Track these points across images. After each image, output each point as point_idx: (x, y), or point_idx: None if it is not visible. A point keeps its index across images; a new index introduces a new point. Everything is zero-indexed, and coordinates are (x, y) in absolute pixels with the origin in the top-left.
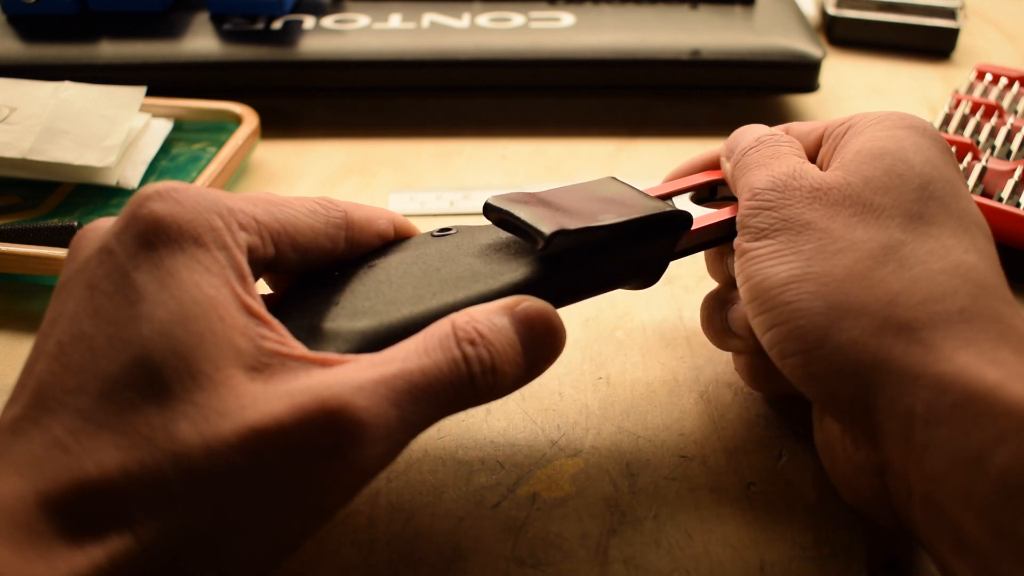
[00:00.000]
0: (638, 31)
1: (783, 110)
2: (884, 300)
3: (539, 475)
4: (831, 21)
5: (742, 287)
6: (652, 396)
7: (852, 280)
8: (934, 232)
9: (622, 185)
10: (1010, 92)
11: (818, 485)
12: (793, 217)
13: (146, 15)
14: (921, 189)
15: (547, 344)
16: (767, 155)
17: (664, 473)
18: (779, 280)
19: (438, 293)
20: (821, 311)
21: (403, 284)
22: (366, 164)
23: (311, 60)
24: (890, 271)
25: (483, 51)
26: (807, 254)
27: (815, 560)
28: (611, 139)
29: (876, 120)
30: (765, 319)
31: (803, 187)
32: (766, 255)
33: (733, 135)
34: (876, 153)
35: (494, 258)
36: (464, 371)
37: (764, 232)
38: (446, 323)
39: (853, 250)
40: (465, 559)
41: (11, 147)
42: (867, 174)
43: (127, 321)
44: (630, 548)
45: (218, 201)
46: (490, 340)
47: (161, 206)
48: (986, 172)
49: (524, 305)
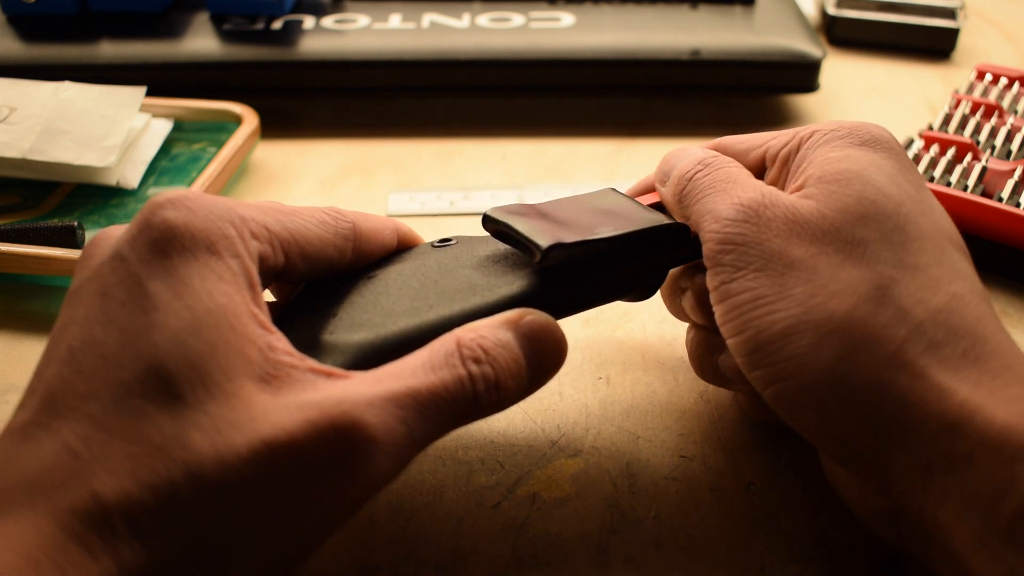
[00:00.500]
0: (638, 31)
1: (783, 110)
2: (892, 348)
3: (539, 475)
4: (831, 21)
5: (731, 340)
6: (652, 396)
7: (854, 328)
8: (921, 263)
9: (621, 197)
10: (1010, 92)
11: (818, 485)
12: (774, 255)
13: (146, 15)
14: (896, 215)
15: (550, 357)
16: (720, 179)
17: (664, 473)
18: (776, 332)
19: (435, 306)
20: (829, 364)
21: (401, 296)
22: (366, 164)
23: (311, 60)
24: (891, 316)
25: (483, 51)
26: (799, 299)
27: (815, 560)
28: (611, 139)
29: (828, 138)
30: (765, 375)
31: (778, 217)
32: (751, 302)
33: (665, 159)
34: (843, 179)
35: (492, 270)
36: (469, 388)
37: (742, 271)
38: (451, 339)
39: (847, 293)
40: (465, 559)
41: (11, 147)
42: (841, 204)
43: (140, 329)
44: (630, 548)
45: (230, 210)
46: (494, 356)
47: (174, 214)
48: (986, 172)
49: (528, 319)
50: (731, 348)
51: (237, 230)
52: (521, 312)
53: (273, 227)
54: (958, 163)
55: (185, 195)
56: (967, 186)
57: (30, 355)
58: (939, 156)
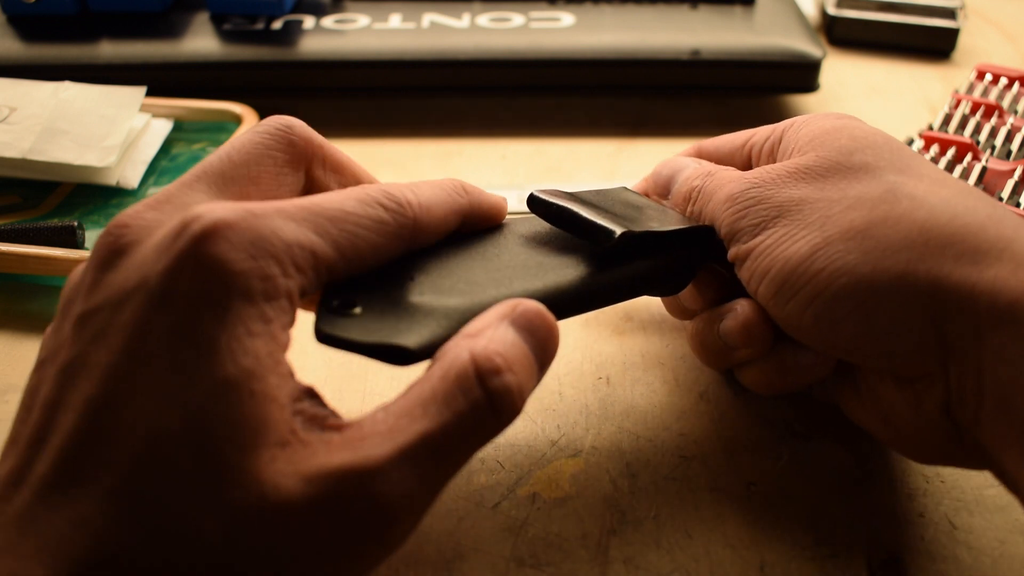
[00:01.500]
0: (638, 31)
1: (783, 110)
2: (915, 230)
3: (539, 475)
4: (831, 21)
5: (761, 283)
6: (652, 396)
7: (875, 225)
8: (924, 173)
9: (637, 195)
10: (1010, 92)
11: (818, 485)
12: (784, 200)
13: (146, 15)
14: (889, 144)
15: (549, 344)
16: (722, 178)
17: (664, 473)
18: (801, 256)
19: (514, 279)
20: (860, 261)
21: (472, 267)
22: (366, 164)
23: (311, 60)
24: (906, 207)
25: (483, 51)
26: (817, 223)
27: (815, 560)
28: (611, 139)
29: (808, 119)
30: (800, 300)
31: (780, 174)
32: (774, 243)
33: (659, 172)
34: (831, 132)
35: (547, 250)
36: (487, 409)
37: (759, 226)
38: (464, 354)
39: (860, 203)
40: (465, 559)
41: (11, 147)
42: (836, 145)
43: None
44: (630, 548)
45: (274, 236)
46: (511, 361)
47: (215, 250)
48: (986, 172)
49: (521, 309)
50: (761, 294)
51: (281, 267)
52: (513, 303)
53: (321, 251)
54: (958, 163)
55: (226, 224)
56: None
57: (30, 355)
58: (939, 156)
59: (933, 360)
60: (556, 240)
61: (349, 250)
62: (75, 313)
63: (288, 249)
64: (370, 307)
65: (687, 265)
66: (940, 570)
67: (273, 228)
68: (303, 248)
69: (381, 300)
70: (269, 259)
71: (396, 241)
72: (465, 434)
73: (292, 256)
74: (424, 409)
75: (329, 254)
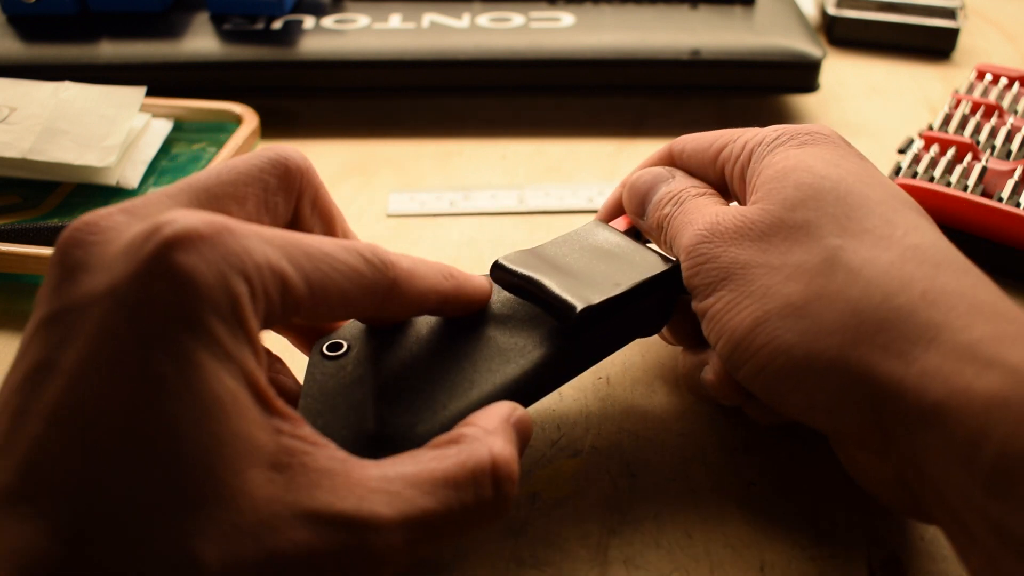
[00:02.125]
0: (638, 31)
1: (783, 110)
2: (848, 311)
3: (539, 475)
4: (831, 21)
5: (716, 345)
6: (652, 396)
7: (811, 303)
8: (868, 226)
9: (609, 232)
10: (1010, 92)
11: (818, 485)
12: (730, 262)
13: (146, 15)
14: (835, 190)
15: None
16: (690, 211)
17: (664, 473)
18: (744, 329)
19: (476, 381)
20: (795, 343)
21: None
22: (366, 164)
23: (311, 60)
24: (842, 281)
25: (483, 51)
26: (758, 294)
27: (815, 560)
28: (611, 139)
29: (771, 145)
30: (748, 370)
31: (728, 230)
32: (722, 309)
33: (632, 189)
34: (780, 175)
35: (513, 327)
36: (490, 507)
37: (711, 287)
38: (484, 451)
39: (799, 274)
40: (465, 559)
41: (11, 147)
42: (780, 196)
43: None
44: (630, 548)
45: (246, 254)
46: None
47: (186, 261)
48: (986, 172)
49: (519, 415)
50: (719, 354)
51: (250, 285)
52: (512, 407)
53: (291, 279)
54: (958, 163)
55: (199, 234)
56: (967, 186)
57: None
58: (939, 156)
59: (874, 441)
60: (523, 307)
61: (319, 289)
62: (40, 315)
63: (258, 270)
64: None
65: (661, 306)
66: (940, 570)
67: (245, 246)
68: (274, 272)
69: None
70: (238, 276)
71: (369, 297)
72: (463, 523)
73: (262, 278)
74: (434, 487)
75: (299, 286)
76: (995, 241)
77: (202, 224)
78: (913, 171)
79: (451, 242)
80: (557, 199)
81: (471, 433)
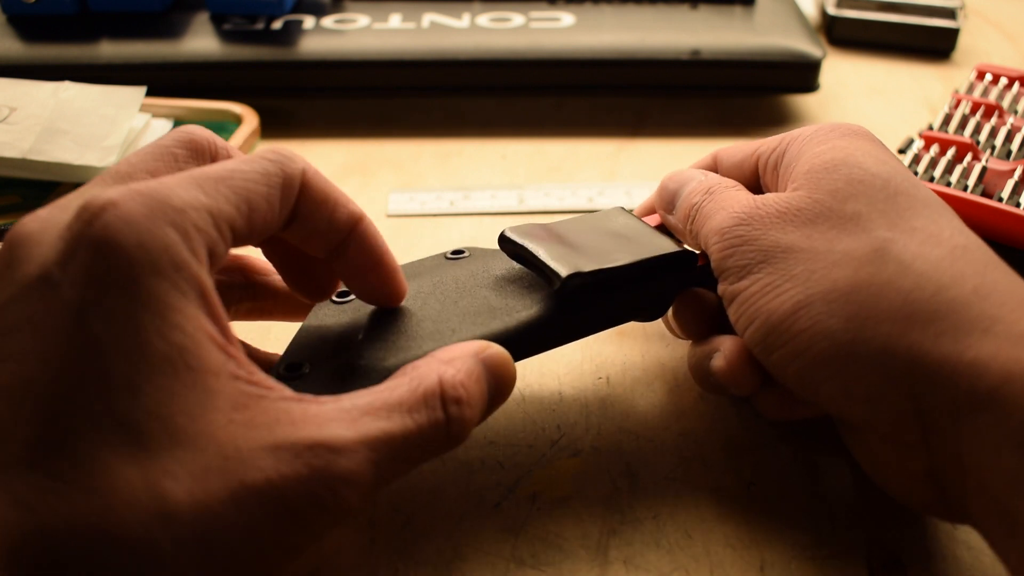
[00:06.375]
0: (638, 31)
1: (783, 110)
2: (899, 301)
3: (539, 475)
4: (831, 21)
5: (745, 332)
6: (652, 396)
7: (859, 290)
8: (917, 225)
9: (630, 218)
10: (1010, 92)
11: (818, 485)
12: (771, 245)
13: (146, 15)
14: (885, 188)
15: (505, 388)
16: (724, 199)
17: (664, 473)
18: (784, 312)
19: (457, 330)
20: (840, 328)
21: (423, 317)
22: (366, 164)
23: (311, 60)
24: (893, 271)
25: (483, 51)
26: (801, 277)
27: (815, 560)
28: (611, 139)
29: (811, 136)
30: (783, 355)
31: (770, 214)
32: (759, 292)
33: (665, 186)
34: (829, 166)
35: (508, 291)
36: (443, 430)
37: (746, 269)
38: (433, 376)
39: (847, 261)
40: (465, 559)
41: (11, 147)
42: (830, 187)
43: (87, 376)
44: (630, 548)
45: (167, 203)
46: (471, 395)
47: (109, 229)
48: (986, 172)
49: (490, 351)
50: (747, 341)
51: (180, 231)
52: (485, 344)
53: (216, 208)
54: (958, 163)
55: (115, 202)
56: (967, 186)
57: None
58: (939, 156)
59: (912, 433)
60: (524, 278)
61: (244, 205)
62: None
63: (181, 213)
64: (318, 369)
65: (661, 293)
66: (940, 570)
67: (162, 196)
68: (197, 209)
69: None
70: (166, 227)
71: (289, 190)
72: (419, 444)
73: (189, 219)
74: (388, 412)
75: (226, 210)
76: (995, 241)
77: (116, 194)
78: (913, 171)
79: (451, 242)
80: (557, 199)
81: (424, 363)
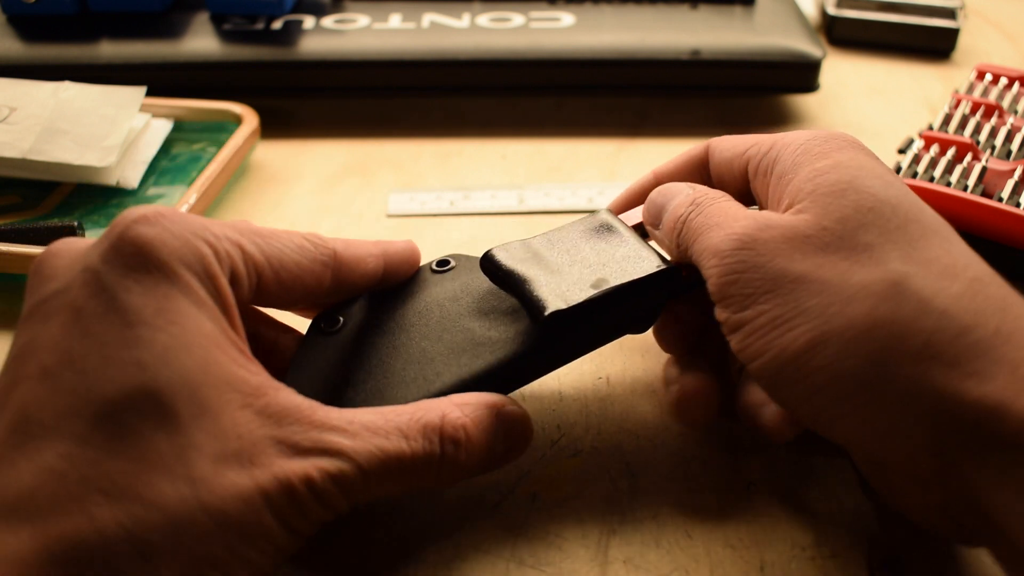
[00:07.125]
0: (638, 31)
1: (783, 110)
2: (920, 341)
3: (539, 475)
4: (831, 21)
5: (754, 363)
6: (652, 396)
7: (879, 327)
8: (932, 256)
9: (615, 223)
10: (1010, 92)
11: (818, 485)
12: (778, 274)
13: (146, 15)
14: (895, 216)
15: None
16: (713, 215)
17: (664, 473)
18: (797, 348)
19: (441, 373)
20: (860, 368)
21: (408, 361)
22: (366, 164)
23: (311, 60)
24: (913, 309)
25: (483, 51)
26: (815, 312)
27: (815, 560)
28: (611, 139)
29: (806, 147)
30: (795, 392)
31: (775, 238)
32: (767, 325)
33: (652, 199)
34: (836, 191)
35: (492, 318)
36: (434, 465)
37: (751, 298)
38: (437, 411)
39: (863, 296)
40: (465, 559)
41: (11, 147)
42: (839, 214)
43: (124, 343)
44: (630, 548)
45: (204, 228)
46: (474, 444)
47: (148, 230)
48: (986, 172)
49: (509, 410)
50: (753, 373)
51: (212, 247)
52: (504, 400)
53: (248, 248)
54: (958, 163)
55: (159, 212)
56: (967, 186)
57: None
58: (939, 156)
59: (927, 470)
60: (508, 299)
61: (275, 260)
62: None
63: (217, 239)
64: None
65: (648, 308)
66: (940, 570)
67: (200, 222)
68: (232, 242)
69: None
70: (201, 241)
71: (319, 267)
72: (409, 469)
73: (221, 243)
74: (388, 434)
75: (256, 255)
76: (995, 241)
77: (156, 210)
78: (913, 171)
79: (451, 242)
80: (557, 199)
81: (436, 400)
